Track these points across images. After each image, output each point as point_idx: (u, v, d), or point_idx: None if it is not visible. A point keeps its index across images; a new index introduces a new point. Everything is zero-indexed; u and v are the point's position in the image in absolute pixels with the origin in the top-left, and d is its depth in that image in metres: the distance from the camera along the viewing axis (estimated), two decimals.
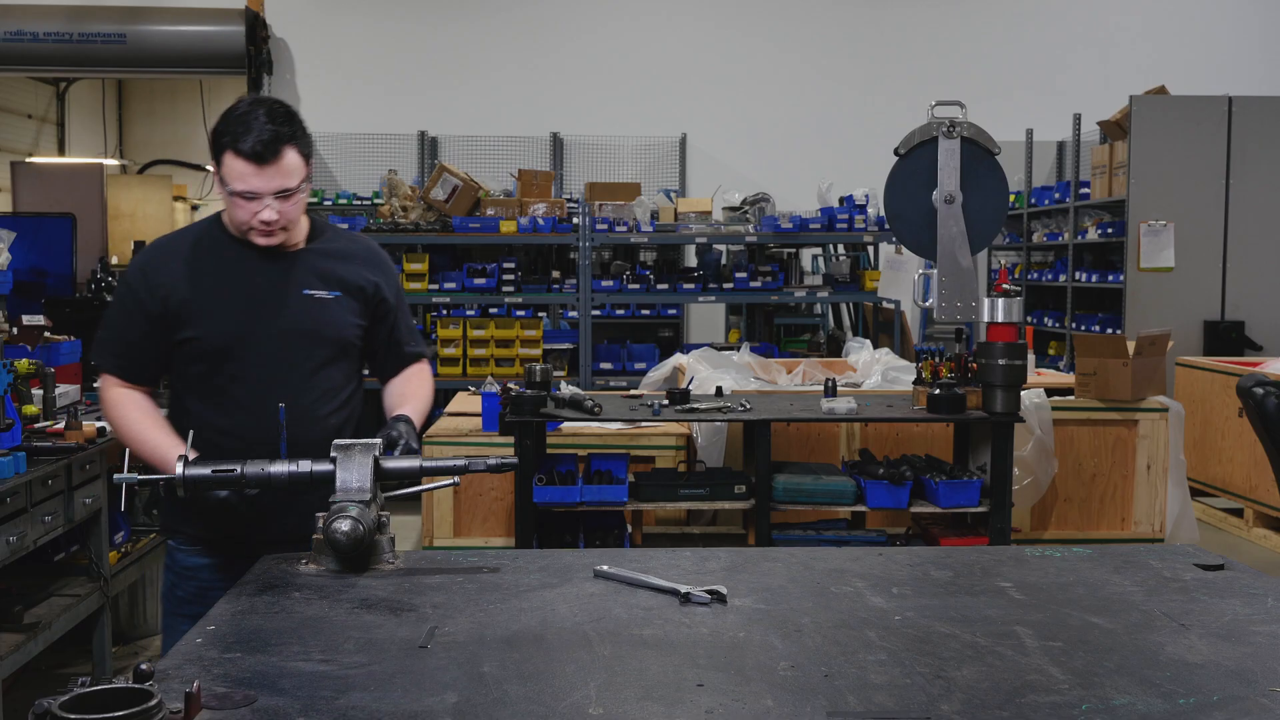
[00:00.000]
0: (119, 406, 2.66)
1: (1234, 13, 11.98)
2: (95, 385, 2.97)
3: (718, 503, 4.94)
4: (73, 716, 1.38)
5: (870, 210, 8.16)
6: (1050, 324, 10.30)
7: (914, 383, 4.97)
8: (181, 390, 2.67)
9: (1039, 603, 2.05)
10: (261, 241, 2.61)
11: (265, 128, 2.50)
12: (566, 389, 4.84)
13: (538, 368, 4.77)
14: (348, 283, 2.69)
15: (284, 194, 2.55)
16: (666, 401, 4.83)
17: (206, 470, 2.31)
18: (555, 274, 8.38)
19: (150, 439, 2.60)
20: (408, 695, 1.60)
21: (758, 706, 1.57)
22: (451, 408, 6.38)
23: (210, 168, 2.59)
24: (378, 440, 2.33)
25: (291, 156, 2.54)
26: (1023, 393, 5.04)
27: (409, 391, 2.78)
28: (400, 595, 2.08)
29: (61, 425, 3.81)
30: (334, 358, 2.68)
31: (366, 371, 2.87)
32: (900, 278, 7.84)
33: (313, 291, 2.65)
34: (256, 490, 2.35)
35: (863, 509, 4.92)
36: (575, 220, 8.06)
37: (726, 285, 8.23)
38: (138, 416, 2.64)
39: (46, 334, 5.29)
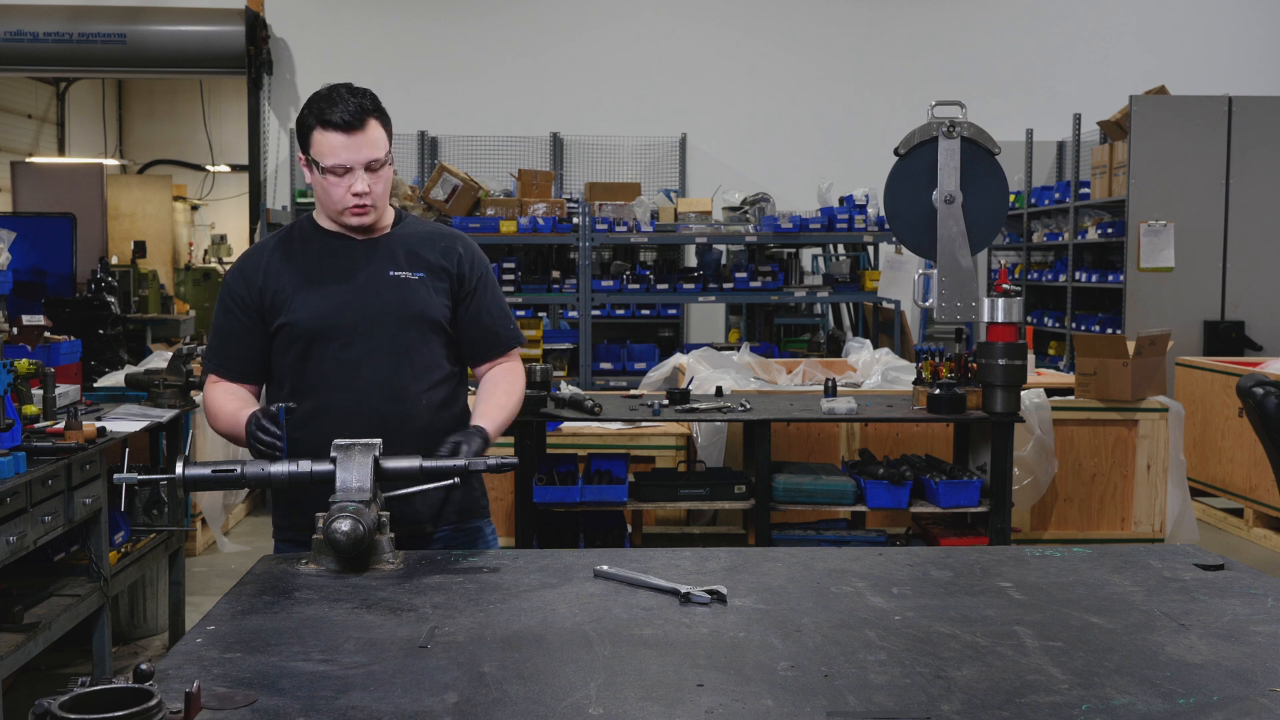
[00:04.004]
0: (209, 397, 2.71)
1: (1234, 13, 11.98)
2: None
3: (718, 503, 4.94)
4: (73, 716, 1.38)
5: (870, 210, 8.17)
6: (1050, 324, 10.30)
7: (914, 383, 4.97)
8: (279, 380, 2.71)
9: (1039, 603, 2.05)
10: (355, 221, 2.66)
11: (350, 100, 2.59)
12: (566, 389, 4.84)
13: (538, 368, 4.77)
14: (431, 264, 2.72)
15: (373, 165, 2.61)
16: (666, 401, 4.83)
17: (206, 470, 2.31)
18: (555, 274, 8.38)
19: (230, 410, 2.63)
20: (408, 695, 1.60)
21: (758, 706, 1.57)
22: None
23: (300, 157, 2.66)
24: (377, 440, 2.33)
25: (376, 128, 2.61)
26: (1023, 393, 5.04)
27: (496, 396, 2.75)
28: (400, 595, 2.08)
29: (61, 425, 3.80)
30: (424, 336, 2.69)
31: None
32: (900, 278, 7.84)
33: (398, 273, 2.69)
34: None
35: (863, 509, 4.92)
36: (575, 220, 8.07)
37: (726, 285, 8.23)
38: (225, 398, 2.67)
39: (46, 334, 5.29)
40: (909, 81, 11.51)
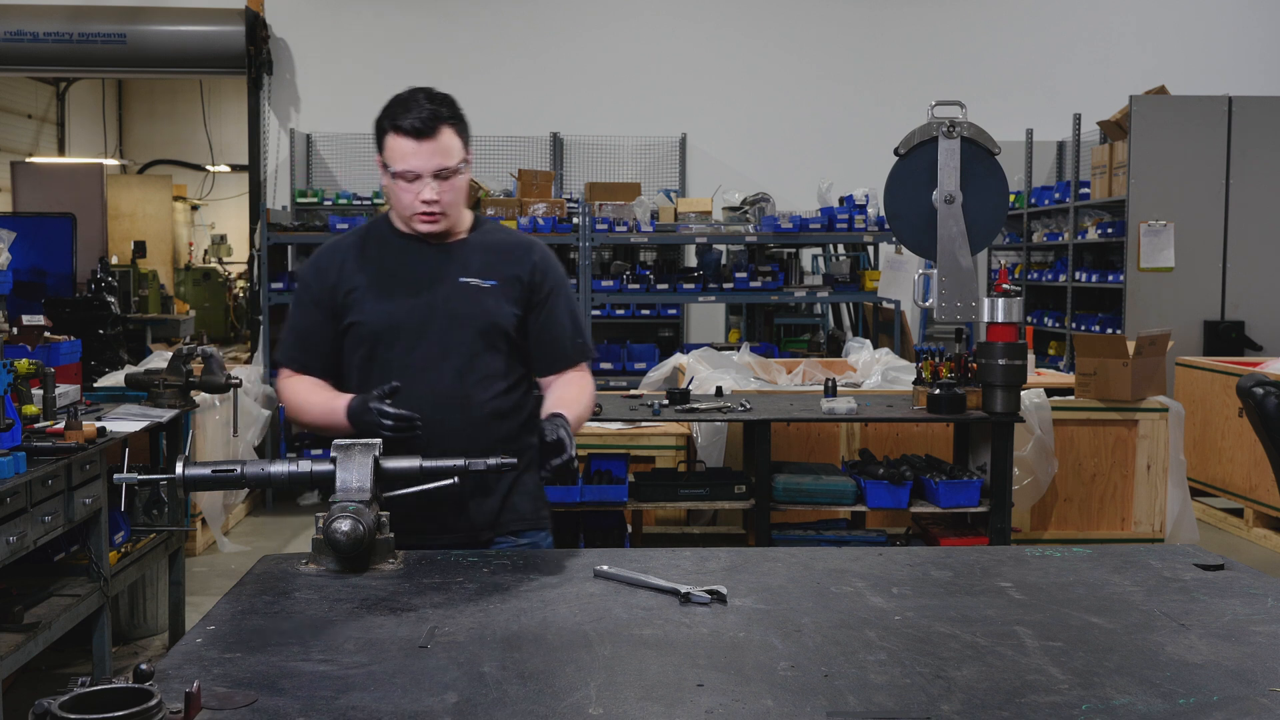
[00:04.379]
0: (290, 390, 2.71)
1: (1234, 13, 11.98)
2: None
3: (718, 503, 4.94)
4: (73, 716, 1.38)
5: (870, 210, 8.16)
6: (1050, 324, 10.29)
7: (914, 383, 4.97)
8: (347, 379, 2.70)
9: (1039, 603, 2.05)
10: (424, 228, 2.65)
11: (424, 106, 2.58)
12: None
13: None
14: (504, 272, 2.70)
15: (443, 174, 2.60)
16: (666, 401, 4.83)
17: (206, 470, 2.31)
18: None
19: (321, 399, 2.63)
20: (408, 695, 1.60)
21: (758, 706, 1.57)
22: None
23: (375, 157, 2.66)
24: (377, 441, 2.32)
25: (449, 136, 2.60)
26: (1023, 393, 5.04)
27: (568, 396, 2.70)
28: (400, 595, 2.08)
29: (61, 425, 3.80)
30: (491, 345, 2.67)
31: None
32: (900, 278, 7.83)
33: (470, 279, 2.67)
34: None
35: (863, 509, 4.92)
36: (575, 220, 8.06)
37: (726, 285, 8.23)
38: (311, 388, 2.68)
39: (46, 334, 5.29)
40: (909, 81, 11.50)
